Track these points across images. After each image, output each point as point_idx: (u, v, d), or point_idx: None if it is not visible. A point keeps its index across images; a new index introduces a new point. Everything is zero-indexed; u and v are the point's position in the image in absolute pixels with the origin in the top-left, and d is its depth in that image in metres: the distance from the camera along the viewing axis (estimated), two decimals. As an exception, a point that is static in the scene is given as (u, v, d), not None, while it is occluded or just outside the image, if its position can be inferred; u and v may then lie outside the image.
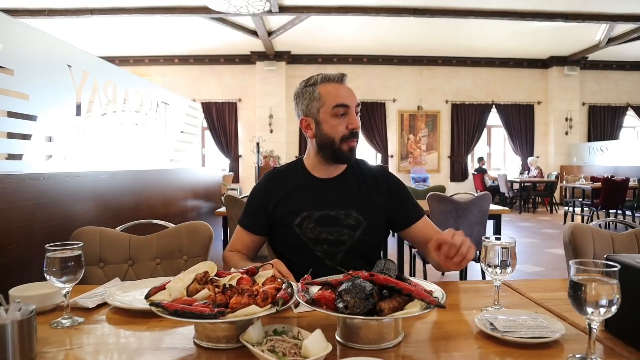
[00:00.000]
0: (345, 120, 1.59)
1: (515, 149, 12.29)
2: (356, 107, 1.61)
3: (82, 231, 1.77)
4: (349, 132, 1.59)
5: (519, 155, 12.29)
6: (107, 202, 2.43)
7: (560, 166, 12.15)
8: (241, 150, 11.86)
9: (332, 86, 1.61)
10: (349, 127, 1.59)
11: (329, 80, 1.63)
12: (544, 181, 10.92)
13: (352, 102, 1.60)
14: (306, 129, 1.66)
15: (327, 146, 1.61)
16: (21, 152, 2.03)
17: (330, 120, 1.59)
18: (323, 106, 1.60)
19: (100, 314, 1.25)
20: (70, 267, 1.14)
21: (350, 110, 1.60)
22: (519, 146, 12.22)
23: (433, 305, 0.95)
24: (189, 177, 4.09)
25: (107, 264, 1.79)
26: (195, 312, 0.92)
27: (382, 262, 1.18)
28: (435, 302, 0.95)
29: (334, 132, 1.59)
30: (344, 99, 1.59)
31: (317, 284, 1.07)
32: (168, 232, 1.91)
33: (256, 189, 1.75)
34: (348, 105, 1.59)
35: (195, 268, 1.14)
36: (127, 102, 3.02)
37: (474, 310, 1.25)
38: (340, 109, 1.58)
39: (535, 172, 11.24)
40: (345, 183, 1.70)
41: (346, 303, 0.92)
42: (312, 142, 1.67)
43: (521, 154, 12.23)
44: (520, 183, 10.81)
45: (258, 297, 1.00)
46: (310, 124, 1.64)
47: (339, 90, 1.60)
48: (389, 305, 0.95)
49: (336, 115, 1.59)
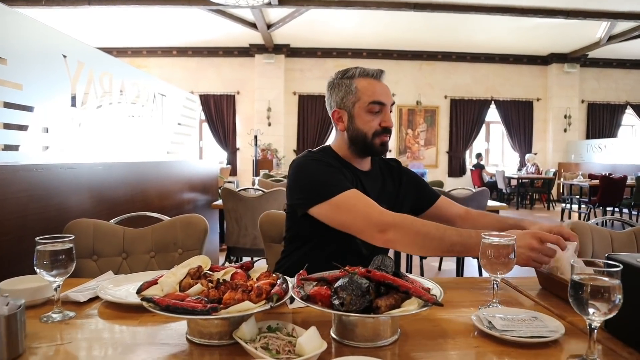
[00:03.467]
0: (379, 118, 1.59)
1: (514, 145, 12.27)
2: (391, 106, 1.61)
3: (76, 223, 1.75)
4: (381, 129, 1.59)
5: (517, 152, 12.28)
6: (102, 194, 2.41)
7: (558, 163, 12.15)
8: (239, 143, 11.82)
9: (369, 82, 1.60)
10: (382, 124, 1.59)
11: (367, 75, 1.61)
12: (541, 178, 10.92)
13: (388, 100, 1.59)
14: (337, 121, 1.65)
15: (359, 140, 1.61)
16: (17, 143, 2.00)
17: (365, 115, 1.58)
18: (359, 101, 1.58)
19: (92, 308, 1.23)
20: (61, 261, 1.11)
21: (386, 108, 1.59)
22: (517, 142, 12.21)
23: (430, 303, 0.93)
24: (185, 170, 4.07)
25: (100, 257, 1.77)
26: (187, 308, 0.90)
27: (379, 258, 1.16)
28: (432, 299, 0.93)
29: (367, 128, 1.59)
30: (381, 97, 1.58)
31: (312, 279, 1.05)
32: (163, 225, 1.89)
33: (325, 164, 1.55)
34: (384, 103, 1.58)
35: (189, 262, 1.12)
36: (123, 93, 2.98)
37: (472, 308, 1.23)
38: (375, 106, 1.57)
39: (532, 169, 11.24)
40: (377, 176, 1.72)
41: (342, 300, 0.90)
42: (343, 134, 1.65)
43: (519, 150, 12.22)
44: (517, 179, 10.81)
45: (252, 293, 0.98)
46: (343, 117, 1.63)
47: (376, 87, 1.59)
48: (386, 303, 0.93)
49: (371, 112, 1.58)
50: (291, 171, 1.60)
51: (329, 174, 1.52)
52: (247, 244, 3.78)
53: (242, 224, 3.75)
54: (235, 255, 4.04)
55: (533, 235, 1.33)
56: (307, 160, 1.59)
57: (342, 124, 1.63)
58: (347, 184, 1.50)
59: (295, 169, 1.58)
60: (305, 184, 1.55)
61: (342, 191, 1.46)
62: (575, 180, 9.08)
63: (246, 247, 3.81)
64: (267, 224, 2.02)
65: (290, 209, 1.65)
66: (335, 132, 1.70)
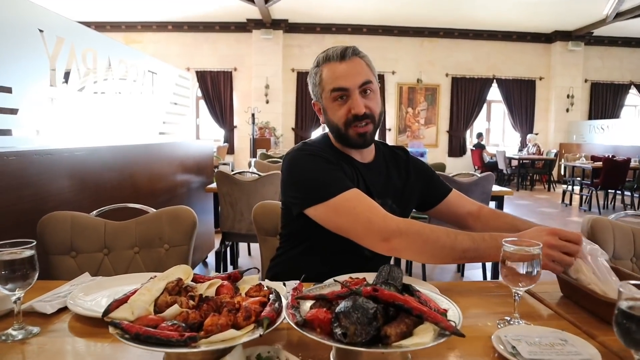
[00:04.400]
0: (347, 105, 1.41)
1: (515, 125, 12.10)
2: (361, 87, 1.40)
3: (51, 217, 1.60)
4: (352, 117, 1.40)
5: (519, 132, 12.11)
6: (85, 181, 2.25)
7: (559, 144, 12.00)
8: (236, 121, 11.62)
9: (331, 66, 1.42)
10: (352, 111, 1.40)
11: (329, 59, 1.43)
12: (543, 159, 10.78)
13: (352, 82, 1.39)
14: (318, 113, 1.52)
15: (335, 133, 1.47)
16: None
17: (332, 105, 1.43)
18: (324, 91, 1.43)
19: (62, 320, 1.09)
20: (19, 271, 0.97)
21: (351, 92, 1.39)
22: (519, 122, 12.03)
23: (449, 332, 0.79)
24: (179, 151, 3.90)
25: (79, 253, 1.63)
26: (161, 338, 0.75)
27: (386, 268, 1.01)
28: (451, 328, 0.79)
29: (336, 119, 1.43)
30: (342, 81, 1.39)
31: (310, 298, 0.90)
32: (147, 217, 1.74)
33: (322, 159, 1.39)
34: (346, 87, 1.39)
35: (167, 275, 0.97)
36: (109, 71, 2.80)
37: (489, 323, 1.09)
38: (337, 93, 1.40)
39: (533, 150, 11.09)
40: (381, 168, 1.56)
41: (345, 330, 0.76)
42: (325, 127, 1.52)
43: (520, 130, 12.05)
44: (518, 160, 10.67)
45: (239, 315, 0.84)
46: (321, 109, 1.49)
47: (337, 71, 1.40)
48: (396, 331, 0.79)
49: (336, 100, 1.41)
50: (285, 166, 1.44)
51: (326, 171, 1.37)
52: (243, 229, 3.64)
53: (237, 209, 3.61)
54: (230, 241, 3.91)
55: (550, 231, 1.20)
56: (302, 154, 1.42)
57: (322, 117, 1.50)
58: (347, 183, 1.34)
59: (289, 164, 1.42)
60: (299, 181, 1.39)
61: (341, 192, 1.30)
62: (578, 162, 8.93)
63: (241, 233, 3.67)
64: (262, 216, 1.87)
65: (284, 206, 1.51)
66: None
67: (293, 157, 1.42)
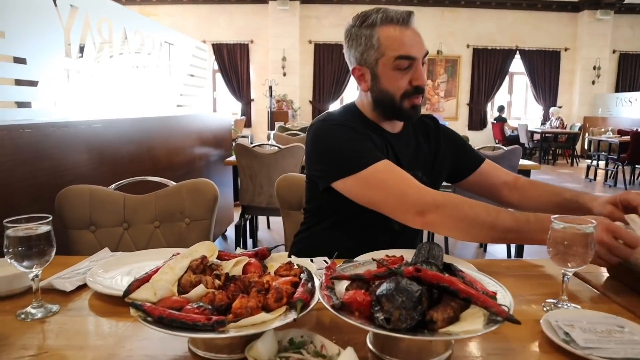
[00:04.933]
0: (408, 75, 1.30)
1: (538, 98, 11.78)
2: (423, 58, 1.31)
3: (69, 191, 1.55)
4: (412, 89, 1.31)
5: (541, 105, 11.80)
6: (102, 154, 2.20)
7: (583, 117, 11.66)
8: (253, 94, 11.52)
9: (394, 30, 1.28)
10: (413, 83, 1.30)
11: (390, 21, 1.29)
12: (566, 132, 10.51)
13: (419, 52, 1.29)
14: (360, 80, 1.38)
15: (386, 104, 1.34)
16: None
17: (391, 74, 1.30)
18: (382, 57, 1.29)
19: (82, 298, 1.04)
20: (35, 248, 0.91)
21: (417, 62, 1.29)
22: (542, 95, 11.71)
23: (502, 318, 0.71)
24: (197, 124, 3.83)
25: (99, 228, 1.58)
26: (186, 322, 0.69)
27: (425, 246, 0.94)
28: (505, 313, 0.71)
29: (393, 89, 1.31)
30: (410, 49, 1.27)
31: (345, 278, 0.83)
32: (167, 191, 1.68)
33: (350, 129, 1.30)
34: (414, 57, 1.28)
35: (190, 252, 0.91)
36: (125, 42, 2.72)
37: (534, 305, 1.01)
38: (404, 62, 1.28)
39: (556, 123, 10.81)
40: (409, 138, 1.47)
41: (388, 315, 0.69)
42: (367, 95, 1.38)
43: (543, 103, 11.74)
44: (541, 134, 10.42)
45: (269, 296, 0.77)
46: (365, 75, 1.35)
47: (404, 37, 1.28)
48: (443, 316, 0.72)
49: (398, 69, 1.29)
50: (310, 137, 1.35)
51: (355, 141, 1.27)
52: (263, 202, 3.59)
53: (256, 182, 3.55)
54: (250, 214, 3.87)
55: (606, 227, 1.07)
56: (327, 124, 1.33)
57: (365, 84, 1.36)
58: (378, 154, 1.25)
59: (315, 135, 1.33)
60: (326, 153, 1.30)
61: (372, 163, 1.21)
62: (604, 136, 8.66)
63: (261, 206, 3.62)
64: (285, 189, 1.80)
65: (309, 179, 1.43)
66: (359, 89, 1.44)
67: (318, 128, 1.33)
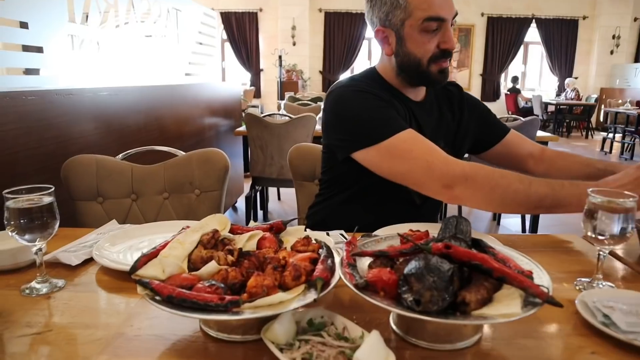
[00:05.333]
0: (436, 38, 1.21)
1: (553, 69, 11.51)
2: (452, 19, 1.22)
3: (75, 161, 1.50)
4: (440, 52, 1.22)
5: (556, 76, 11.53)
6: (109, 123, 2.13)
7: (600, 88, 11.38)
8: (262, 64, 11.35)
9: None
10: (442, 46, 1.22)
11: None
12: (582, 104, 10.28)
13: (449, 12, 1.20)
14: (383, 42, 1.29)
15: (411, 68, 1.26)
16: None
17: (418, 36, 1.21)
18: (409, 17, 1.20)
19: (89, 273, 1.00)
20: (37, 221, 0.86)
21: (446, 24, 1.20)
22: (557, 66, 11.42)
23: (542, 300, 0.65)
24: (206, 93, 3.75)
25: (106, 199, 1.53)
26: (198, 302, 0.64)
27: (452, 220, 0.87)
28: (545, 295, 0.65)
29: (421, 52, 1.23)
30: (440, 9, 1.18)
31: (368, 254, 0.77)
32: (177, 161, 1.62)
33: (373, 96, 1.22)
34: (444, 18, 1.19)
35: (201, 225, 0.85)
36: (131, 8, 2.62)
37: (565, 284, 0.95)
38: (432, 24, 1.19)
39: (572, 94, 10.56)
40: (432, 106, 1.39)
41: (418, 296, 0.63)
42: (391, 59, 1.30)
43: (559, 74, 11.47)
44: (556, 105, 10.20)
45: (286, 274, 0.72)
46: (389, 38, 1.27)
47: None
48: (476, 297, 0.66)
49: (426, 31, 1.20)
50: (329, 104, 1.27)
51: (378, 109, 1.20)
52: (274, 173, 3.54)
53: (267, 153, 3.49)
54: (260, 185, 3.82)
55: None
56: (349, 91, 1.25)
57: (389, 47, 1.28)
58: (402, 123, 1.18)
59: (335, 102, 1.26)
60: (347, 121, 1.23)
61: (396, 132, 1.14)
62: (621, 107, 8.45)
63: (272, 177, 3.57)
64: (298, 159, 1.74)
65: (327, 149, 1.36)
66: (381, 53, 1.35)
67: (339, 95, 1.25)
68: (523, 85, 11.95)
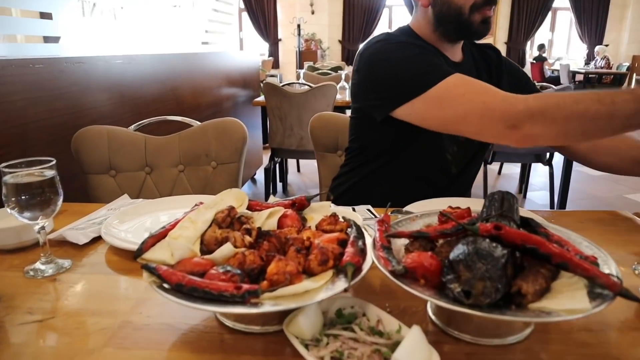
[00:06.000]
0: None
1: (582, 36, 11.04)
2: None
3: (86, 132, 1.42)
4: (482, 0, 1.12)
5: (586, 43, 11.07)
6: (123, 93, 2.05)
7: (632, 56, 10.89)
8: (281, 33, 11.13)
9: None
10: None
11: None
12: (612, 73, 9.87)
13: None
14: None
15: (451, 19, 1.15)
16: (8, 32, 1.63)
17: None
18: None
19: (98, 252, 0.92)
20: (38, 197, 0.78)
21: None
22: (587, 32, 10.95)
23: (614, 292, 0.55)
24: (223, 62, 3.64)
25: (119, 172, 1.46)
26: (211, 291, 0.56)
27: (497, 196, 0.77)
28: (618, 287, 0.55)
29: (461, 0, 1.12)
30: None
31: (405, 235, 0.68)
32: (192, 132, 1.54)
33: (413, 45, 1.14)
34: None
35: (216, 201, 0.77)
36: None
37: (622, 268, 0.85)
38: None
39: (601, 63, 10.14)
40: (471, 69, 1.28)
41: (468, 287, 0.53)
42: (427, 11, 1.19)
43: (588, 41, 11.00)
44: (584, 74, 9.81)
45: (312, 258, 0.63)
46: None
47: None
48: (534, 288, 0.56)
49: None
50: (363, 63, 1.16)
51: (419, 57, 1.08)
52: (293, 145, 3.44)
53: (286, 124, 3.39)
54: (279, 157, 3.74)
55: None
56: (386, 44, 1.14)
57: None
58: (447, 69, 1.06)
59: (371, 59, 1.14)
60: (386, 76, 1.11)
61: (443, 78, 1.03)
62: (655, 74, 8.08)
63: (292, 149, 3.48)
64: (320, 129, 1.64)
65: (358, 114, 1.26)
66: (415, 7, 1.23)
67: (376, 50, 1.14)
68: (550, 53, 11.52)
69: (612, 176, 4.72)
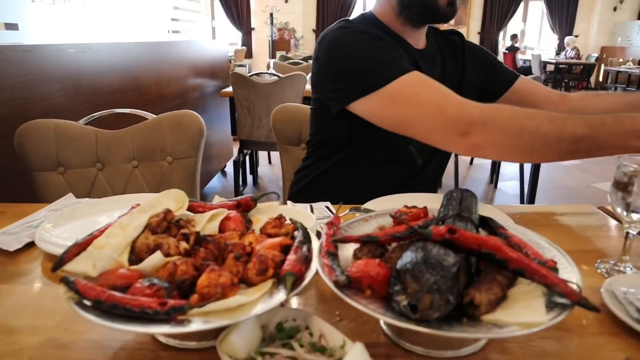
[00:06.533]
0: None
1: (553, 26, 11.17)
2: None
3: (31, 126, 1.33)
4: None
5: (557, 34, 11.21)
6: (78, 84, 1.95)
7: (601, 47, 11.08)
8: (254, 22, 10.95)
9: None
10: None
11: None
12: (582, 63, 10.02)
13: None
14: None
15: (416, 2, 1.11)
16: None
17: None
18: None
19: (33, 259, 0.85)
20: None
21: None
22: (558, 23, 11.08)
23: (572, 302, 0.51)
24: (190, 52, 3.53)
25: (68, 169, 1.38)
26: (132, 308, 0.50)
27: (456, 194, 0.72)
28: (576, 296, 0.51)
29: None
30: None
31: (353, 240, 0.63)
32: (146, 125, 1.46)
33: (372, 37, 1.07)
34: None
35: (153, 204, 0.70)
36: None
37: (584, 266, 0.82)
38: None
39: (572, 53, 10.29)
40: (435, 55, 1.25)
41: (415, 300, 0.49)
42: None
43: (559, 32, 11.14)
44: (555, 64, 9.94)
45: (250, 266, 0.57)
46: None
47: None
48: (488, 298, 0.52)
49: None
50: (322, 50, 1.10)
51: (378, 50, 1.03)
52: (262, 136, 3.37)
53: (255, 115, 3.31)
54: (249, 149, 3.66)
55: None
56: (345, 32, 1.08)
57: None
58: (406, 65, 1.01)
59: (329, 47, 1.09)
60: (343, 68, 1.06)
61: (399, 75, 0.97)
62: (623, 66, 8.22)
63: (260, 141, 3.41)
64: (282, 122, 1.58)
65: (317, 105, 1.20)
66: None
67: (334, 38, 1.08)
68: (522, 43, 11.63)
69: (581, 166, 4.79)
